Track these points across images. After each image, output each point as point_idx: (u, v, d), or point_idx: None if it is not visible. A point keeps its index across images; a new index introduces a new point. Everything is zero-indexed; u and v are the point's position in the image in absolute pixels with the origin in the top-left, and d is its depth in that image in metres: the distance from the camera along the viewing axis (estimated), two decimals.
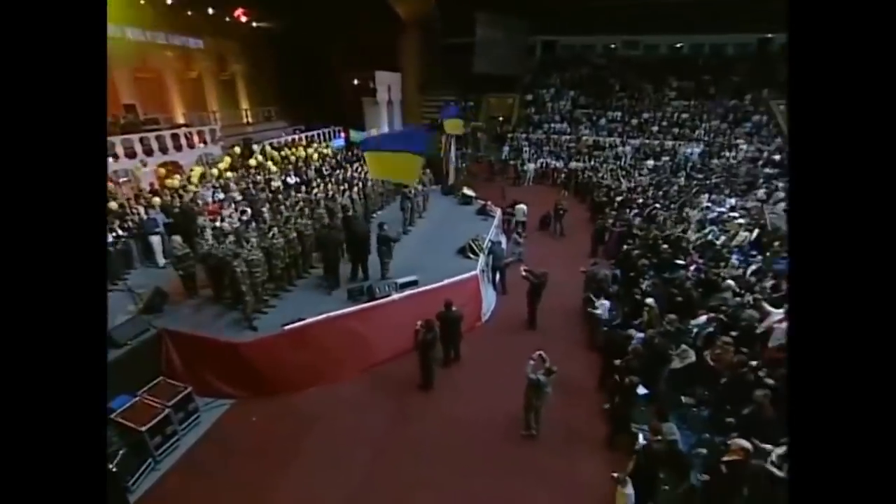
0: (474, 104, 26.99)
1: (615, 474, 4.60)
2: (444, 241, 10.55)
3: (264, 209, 10.21)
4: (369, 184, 12.50)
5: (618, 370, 6.11)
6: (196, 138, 16.58)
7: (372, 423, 6.40)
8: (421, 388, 7.01)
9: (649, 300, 7.36)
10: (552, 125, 25.38)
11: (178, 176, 13.89)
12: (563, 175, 20.96)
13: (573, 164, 21.78)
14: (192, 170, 14.57)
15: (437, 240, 10.86)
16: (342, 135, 22.49)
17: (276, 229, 8.02)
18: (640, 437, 5.25)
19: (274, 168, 15.49)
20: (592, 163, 21.80)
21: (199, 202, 11.20)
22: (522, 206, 13.26)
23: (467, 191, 14.58)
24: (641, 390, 6.19)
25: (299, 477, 5.51)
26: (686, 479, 4.69)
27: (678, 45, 28.37)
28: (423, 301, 7.86)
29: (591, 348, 8.03)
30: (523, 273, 8.49)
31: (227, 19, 20.66)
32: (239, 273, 6.81)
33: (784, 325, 6.79)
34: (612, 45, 28.85)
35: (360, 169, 14.75)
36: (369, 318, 7.57)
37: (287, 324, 6.93)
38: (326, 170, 16.01)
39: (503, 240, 11.94)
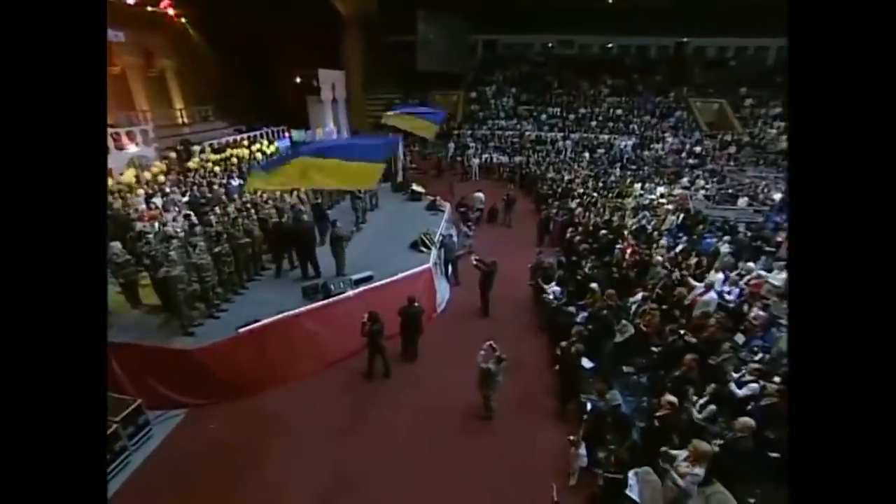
0: (420, 102, 27.10)
1: (571, 437, 4.99)
2: (396, 237, 10.66)
3: (209, 212, 9.83)
4: None
5: (565, 346, 6.53)
6: (125, 139, 15.49)
7: (335, 417, 6.44)
8: (367, 377, 7.15)
9: (593, 284, 7.87)
10: (496, 121, 26.03)
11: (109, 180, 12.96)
12: (508, 169, 21.59)
13: (518, 159, 22.48)
14: (122, 174, 13.63)
15: (389, 236, 10.95)
16: (286, 135, 21.86)
17: (223, 232, 7.78)
18: (588, 404, 5.68)
19: (217, 169, 14.83)
20: (536, 157, 22.62)
21: (135, 208, 10.55)
22: (479, 195, 13.71)
23: (416, 187, 14.71)
24: (587, 363, 6.69)
25: (266, 478, 5.44)
26: (629, 436, 5.16)
27: (609, 46, 30.02)
28: (379, 296, 7.96)
29: (542, 331, 8.48)
30: (474, 262, 8.78)
31: (150, 9, 19.31)
32: (172, 279, 6.54)
33: (707, 296, 7.56)
34: (549, 45, 30.01)
35: None
36: (326, 315, 7.55)
37: (241, 326, 6.79)
38: None
39: (454, 233, 12.21)
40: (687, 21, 26.68)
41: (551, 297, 8.22)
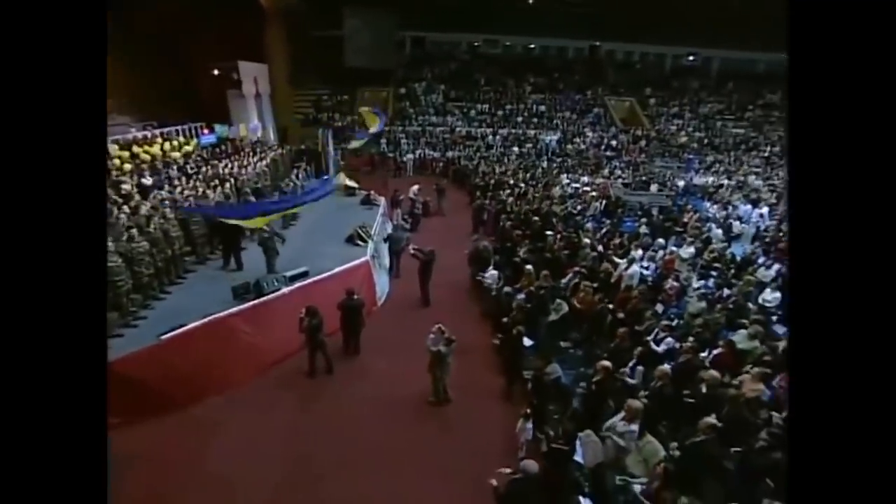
0: (348, 98, 26.44)
1: (526, 411, 5.13)
2: (331, 232, 10.31)
3: (117, 211, 8.82)
4: (242, 177, 11.58)
5: (506, 326, 6.67)
6: None
7: (279, 418, 6.08)
8: (309, 374, 6.81)
9: (528, 267, 8.12)
10: (427, 118, 26.05)
11: None
12: (441, 164, 21.72)
13: (450, 154, 22.69)
14: None
15: (324, 231, 10.56)
16: (206, 131, 20.24)
17: (134, 232, 7.00)
18: (530, 379, 5.84)
19: (127, 167, 13.36)
20: (467, 151, 22.96)
21: None
22: (417, 187, 13.98)
23: (349, 182, 14.32)
24: (527, 342, 6.89)
25: (212, 490, 5.00)
26: (570, 405, 5.38)
27: (531, 47, 31.18)
28: (316, 291, 7.62)
29: (483, 316, 8.61)
30: (412, 252, 8.72)
31: None
32: None
33: (630, 271, 8.10)
34: (476, 44, 30.53)
35: (229, 165, 13.53)
36: (260, 315, 7.08)
37: (164, 333, 6.16)
38: (192, 167, 14.32)
39: (389, 227, 12.06)
40: (599, 26, 28.40)
41: (490, 281, 8.37)
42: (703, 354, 5.67)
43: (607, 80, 29.41)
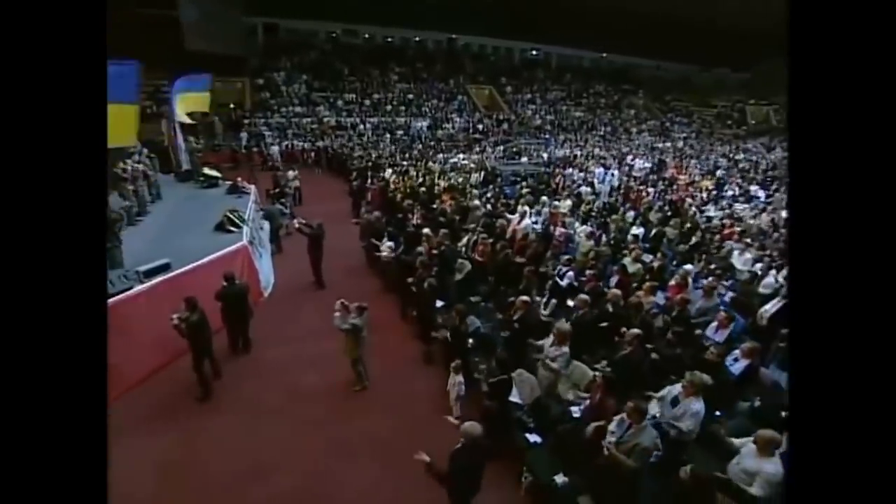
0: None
1: (452, 365, 4.68)
2: (196, 222, 8.60)
3: None
4: None
5: (413, 286, 6.20)
6: None
7: (163, 450, 4.66)
8: (202, 397, 5.25)
9: (426, 230, 7.73)
10: (290, 108, 24.01)
11: None
12: (312, 154, 20.21)
13: (321, 144, 21.24)
14: None
15: (186, 221, 8.78)
16: None
17: None
18: (449, 332, 5.44)
19: None
20: (339, 141, 21.75)
21: None
22: (292, 172, 12.81)
23: (210, 171, 12.32)
24: (438, 303, 6.50)
25: None
26: (496, 350, 5.12)
27: (389, 39, 30.85)
28: (184, 285, 6.13)
29: (385, 290, 7.99)
30: (297, 225, 7.69)
31: None
32: None
33: (522, 224, 8.26)
34: (334, 34, 29.09)
35: None
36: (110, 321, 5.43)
37: None
38: None
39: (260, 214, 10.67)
40: (454, 20, 29.30)
41: (387, 251, 7.80)
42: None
43: (466, 70, 30.62)
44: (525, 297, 4.97)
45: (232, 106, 23.45)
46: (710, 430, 3.78)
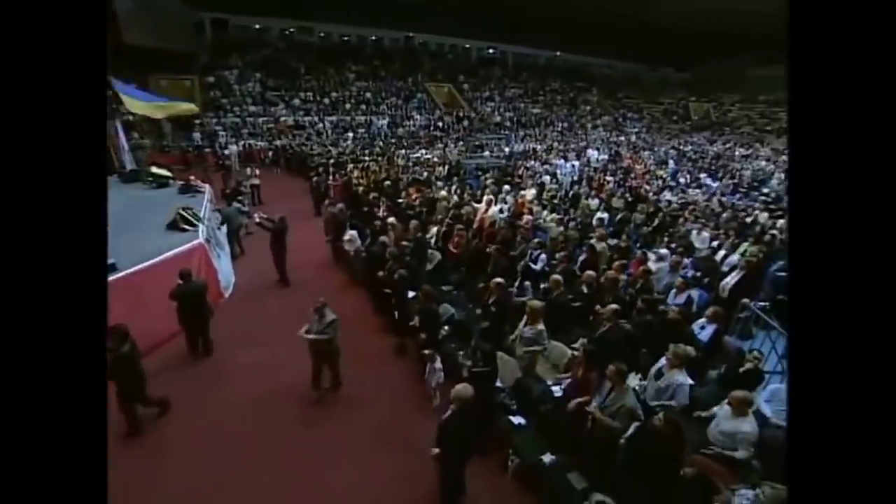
0: (136, 84, 21.48)
1: (426, 352, 4.50)
2: (145, 222, 7.95)
3: None
4: None
5: (384, 279, 6.00)
6: None
7: (129, 447, 4.20)
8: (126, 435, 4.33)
9: (391, 219, 7.53)
10: (244, 108, 22.97)
11: None
12: (270, 154, 19.43)
13: (279, 143, 20.44)
14: None
15: (135, 222, 8.08)
16: None
17: None
18: (420, 318, 5.26)
19: None
20: (297, 140, 21.02)
21: None
22: (250, 170, 12.37)
23: (159, 171, 11.52)
24: (410, 293, 6.31)
25: None
26: (472, 337, 5.00)
27: (346, 37, 30.20)
28: (134, 285, 5.65)
29: (352, 283, 7.72)
30: (257, 220, 7.29)
31: None
32: None
33: (489, 213, 8.22)
34: (288, 31, 28.11)
35: None
36: None
37: None
38: None
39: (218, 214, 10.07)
40: (410, 18, 29.01)
41: (351, 242, 7.55)
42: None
43: (424, 68, 30.46)
44: (499, 280, 4.87)
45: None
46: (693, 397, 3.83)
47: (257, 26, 27.37)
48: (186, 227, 7.63)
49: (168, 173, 11.61)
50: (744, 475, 3.14)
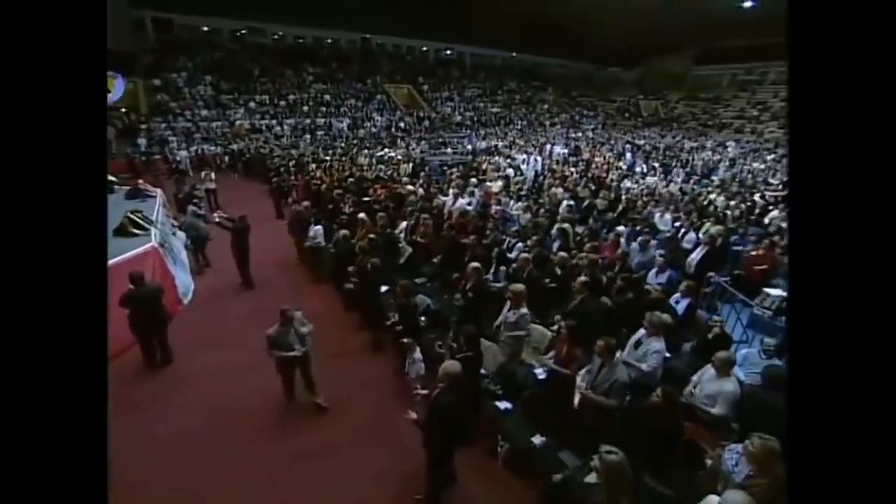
0: None
1: (404, 340, 4.30)
2: None
3: None
4: None
5: (354, 273, 5.76)
6: None
7: None
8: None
9: (361, 215, 7.28)
10: (197, 112, 21.82)
11: None
12: (226, 158, 18.55)
13: (235, 147, 19.54)
14: None
15: None
16: None
17: None
18: (397, 311, 5.07)
19: None
20: (255, 143, 20.18)
21: None
22: (205, 173, 11.77)
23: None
24: (383, 288, 6.09)
25: None
26: (449, 326, 4.86)
27: (301, 39, 29.37)
28: None
29: (320, 281, 7.39)
30: (216, 220, 6.84)
31: None
32: None
33: (457, 204, 8.11)
34: (240, 32, 26.99)
35: None
36: None
37: None
38: None
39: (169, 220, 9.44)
40: (366, 19, 28.56)
41: (317, 238, 7.25)
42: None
43: (383, 69, 30.10)
44: (475, 264, 4.75)
45: (124, 110, 20.74)
46: (670, 368, 3.85)
47: (205, 28, 26.06)
48: (136, 231, 7.06)
49: (113, 178, 10.78)
50: (724, 436, 3.18)
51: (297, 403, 4.59)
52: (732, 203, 9.25)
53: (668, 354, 3.90)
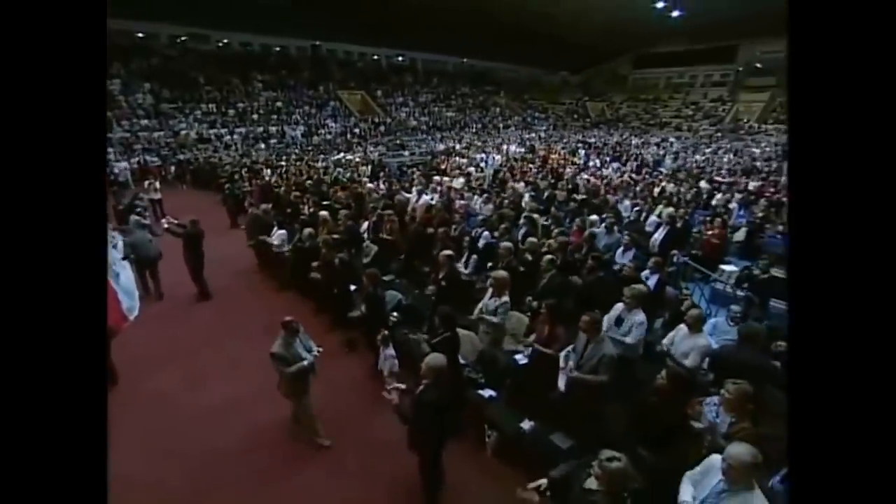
0: None
1: (379, 336, 4.05)
2: None
3: None
4: None
5: (319, 269, 5.46)
6: None
7: None
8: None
9: (323, 213, 6.94)
10: (136, 121, 20.36)
11: None
12: (172, 169, 17.40)
13: (181, 157, 18.39)
14: None
15: None
16: None
17: None
18: (364, 305, 4.81)
19: None
20: (205, 153, 19.09)
21: None
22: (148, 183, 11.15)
23: None
24: (353, 287, 5.80)
25: None
26: (425, 319, 4.66)
27: (249, 46, 28.24)
28: None
29: (284, 287, 6.96)
30: (165, 226, 6.29)
31: None
32: None
33: (421, 201, 7.95)
34: (181, 38, 25.52)
35: None
36: None
37: None
38: None
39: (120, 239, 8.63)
40: (315, 26, 27.85)
41: (279, 241, 6.84)
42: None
43: (334, 76, 29.51)
44: (447, 252, 4.58)
45: None
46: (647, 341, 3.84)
47: (140, 34, 24.45)
48: None
49: None
50: (700, 392, 3.18)
51: (262, 411, 4.21)
52: (682, 189, 9.70)
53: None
